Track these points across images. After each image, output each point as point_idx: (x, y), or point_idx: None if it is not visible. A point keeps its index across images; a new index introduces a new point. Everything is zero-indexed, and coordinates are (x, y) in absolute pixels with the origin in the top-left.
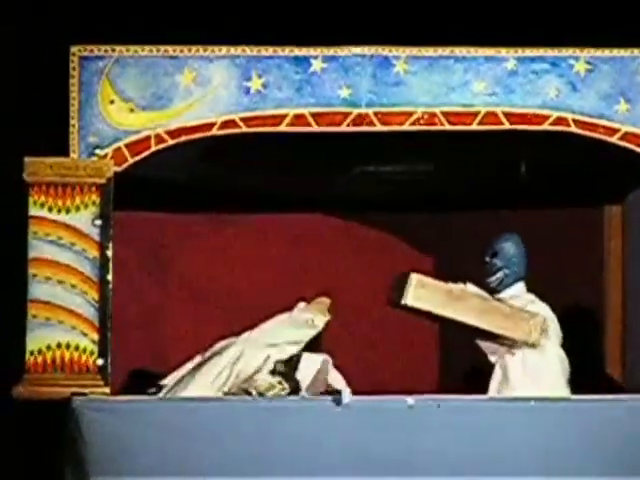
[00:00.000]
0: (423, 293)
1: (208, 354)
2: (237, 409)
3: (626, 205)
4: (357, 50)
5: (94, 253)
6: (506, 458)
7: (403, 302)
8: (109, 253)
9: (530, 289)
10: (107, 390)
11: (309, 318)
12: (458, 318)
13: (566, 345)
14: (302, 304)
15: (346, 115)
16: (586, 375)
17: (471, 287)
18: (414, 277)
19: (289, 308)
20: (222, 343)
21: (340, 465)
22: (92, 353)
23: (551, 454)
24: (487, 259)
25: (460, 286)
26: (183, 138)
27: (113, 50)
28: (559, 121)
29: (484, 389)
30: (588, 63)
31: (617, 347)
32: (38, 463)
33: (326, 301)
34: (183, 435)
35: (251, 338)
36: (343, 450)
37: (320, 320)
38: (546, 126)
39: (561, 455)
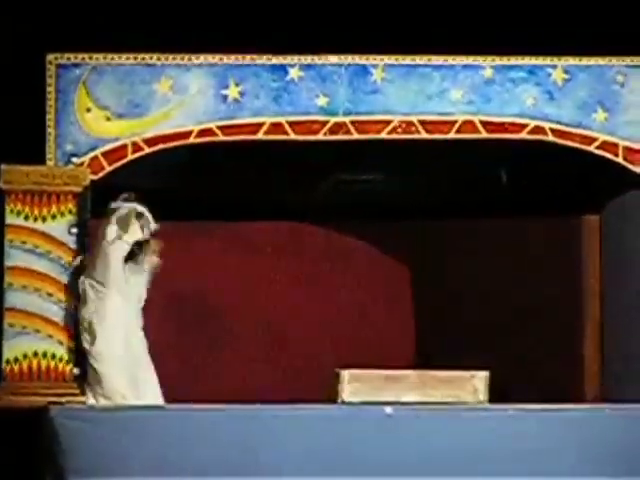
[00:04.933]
0: (358, 386)
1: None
2: (213, 417)
3: (604, 215)
4: (334, 58)
5: (70, 261)
6: (481, 464)
7: (341, 401)
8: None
9: (508, 298)
10: (83, 399)
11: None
12: (401, 399)
13: (544, 354)
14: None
15: (323, 124)
16: (564, 384)
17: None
18: (345, 374)
19: (266, 313)
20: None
21: (319, 470)
22: (69, 362)
23: (527, 460)
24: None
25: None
26: (160, 146)
27: (90, 58)
28: (536, 130)
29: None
30: (565, 72)
31: (595, 357)
32: (15, 471)
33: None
34: (159, 442)
35: None
36: (323, 456)
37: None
38: (523, 135)
39: (538, 461)
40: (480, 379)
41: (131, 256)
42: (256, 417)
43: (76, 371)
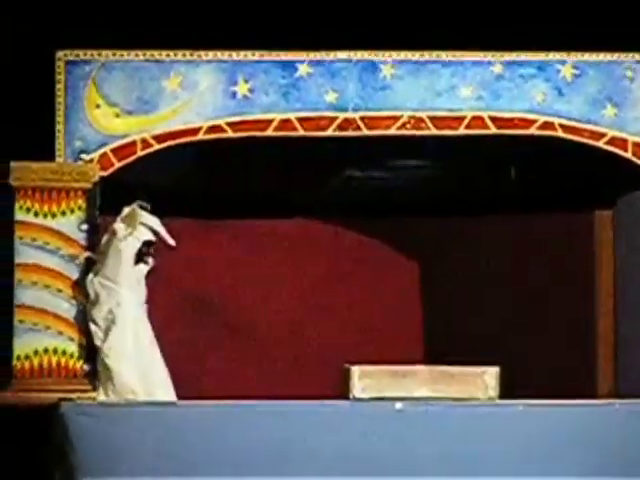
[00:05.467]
0: (369, 382)
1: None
2: (223, 413)
3: (616, 210)
4: (343, 55)
5: (80, 258)
6: (491, 459)
7: (352, 397)
8: (95, 258)
9: (518, 294)
10: (94, 395)
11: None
12: (412, 394)
13: (557, 350)
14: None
15: (332, 120)
16: (576, 380)
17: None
18: (356, 370)
19: (275, 310)
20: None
21: (331, 466)
22: (79, 358)
23: (537, 456)
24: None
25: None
26: (169, 143)
27: (99, 55)
28: (546, 126)
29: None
30: (575, 67)
31: (609, 352)
32: (26, 468)
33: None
34: (170, 438)
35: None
36: (334, 451)
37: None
38: (533, 130)
39: (549, 457)
40: (491, 375)
41: (138, 254)
42: (267, 413)
43: (87, 367)
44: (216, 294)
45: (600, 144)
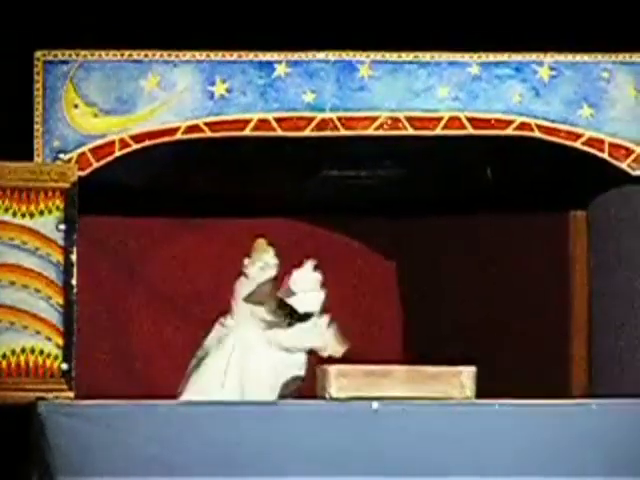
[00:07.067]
0: (345, 382)
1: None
2: (201, 413)
3: (591, 210)
4: (321, 55)
5: (58, 257)
6: (468, 459)
7: (328, 397)
8: (73, 257)
9: (494, 295)
10: (71, 394)
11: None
12: (389, 394)
13: (532, 350)
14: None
15: (310, 120)
16: (551, 381)
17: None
18: (332, 370)
19: None
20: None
21: (307, 466)
22: (57, 358)
23: (513, 455)
24: None
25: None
26: (147, 143)
27: (77, 55)
28: (522, 126)
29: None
30: (552, 68)
31: (583, 352)
32: (3, 467)
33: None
34: (147, 438)
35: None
36: (310, 451)
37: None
38: (509, 131)
39: (525, 456)
40: (467, 375)
41: None
42: (244, 414)
43: (64, 367)
44: (193, 293)
45: (577, 144)
